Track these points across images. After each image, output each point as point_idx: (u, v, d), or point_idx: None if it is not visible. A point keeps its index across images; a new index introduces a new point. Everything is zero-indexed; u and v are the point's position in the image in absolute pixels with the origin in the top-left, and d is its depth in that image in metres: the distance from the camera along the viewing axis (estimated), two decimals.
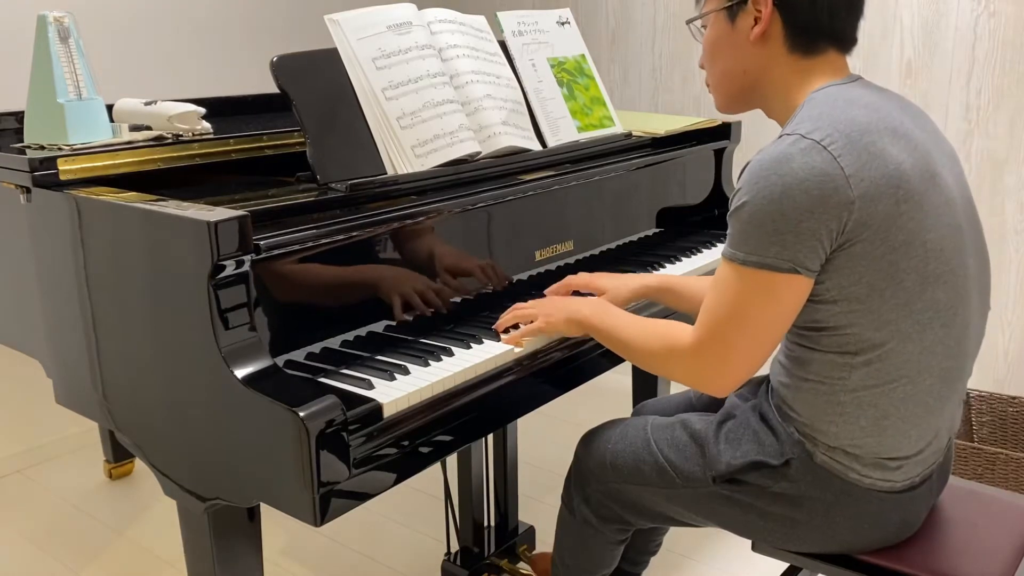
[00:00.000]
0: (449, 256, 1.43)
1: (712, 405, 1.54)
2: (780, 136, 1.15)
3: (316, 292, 1.26)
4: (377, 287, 1.33)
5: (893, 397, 1.19)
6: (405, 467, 1.17)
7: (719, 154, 2.04)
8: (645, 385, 2.25)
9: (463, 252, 1.45)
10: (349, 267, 1.29)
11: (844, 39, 1.24)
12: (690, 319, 1.29)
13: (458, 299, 1.45)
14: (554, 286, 1.54)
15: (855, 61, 2.53)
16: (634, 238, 1.83)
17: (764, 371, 1.38)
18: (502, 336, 1.38)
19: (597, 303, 1.40)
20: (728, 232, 1.17)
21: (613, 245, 1.77)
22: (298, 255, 1.22)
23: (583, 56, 1.88)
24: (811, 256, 1.11)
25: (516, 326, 1.40)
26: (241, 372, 1.10)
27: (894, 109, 1.20)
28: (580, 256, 1.68)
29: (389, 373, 1.22)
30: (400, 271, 1.36)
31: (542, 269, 1.60)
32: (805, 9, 1.20)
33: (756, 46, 1.24)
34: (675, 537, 2.18)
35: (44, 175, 1.34)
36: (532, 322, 1.38)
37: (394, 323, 1.35)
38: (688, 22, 1.35)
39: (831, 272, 1.14)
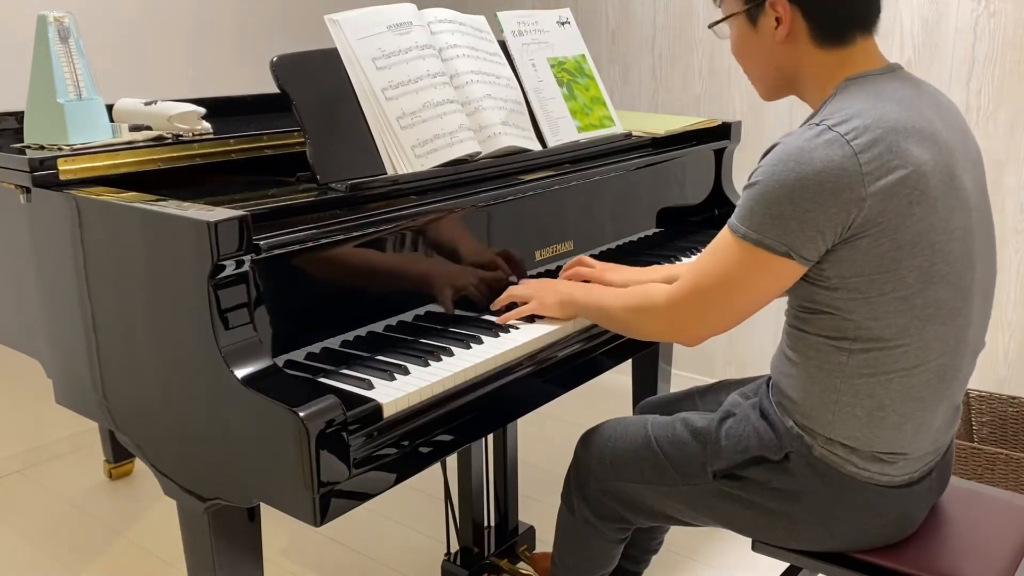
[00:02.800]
0: (449, 256, 1.43)
1: (713, 405, 1.54)
2: (808, 123, 1.15)
3: (316, 292, 1.26)
4: (377, 287, 1.33)
5: (889, 389, 1.19)
6: (405, 467, 1.17)
7: (719, 154, 2.04)
8: (645, 384, 2.25)
9: (463, 252, 1.45)
10: (349, 267, 1.29)
11: (867, 19, 1.22)
12: None
13: (458, 299, 1.45)
14: (567, 269, 1.57)
15: None
16: (634, 238, 1.83)
17: (765, 370, 1.38)
18: (497, 318, 1.43)
19: (586, 285, 1.47)
20: (738, 202, 1.19)
21: (613, 245, 1.77)
22: (298, 255, 1.22)
23: (583, 56, 1.88)
24: (809, 246, 1.13)
25: (510, 307, 1.45)
26: (241, 372, 1.10)
27: (927, 106, 1.19)
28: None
29: (389, 373, 1.22)
30: (400, 271, 1.36)
31: (542, 269, 1.60)
32: (822, 1, 1.19)
33: (784, 45, 1.23)
34: (675, 537, 2.18)
35: (44, 175, 1.34)
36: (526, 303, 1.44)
37: (394, 323, 1.36)
38: (710, 26, 1.34)
39: (833, 261, 1.15)
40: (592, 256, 1.71)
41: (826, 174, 1.09)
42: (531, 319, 1.44)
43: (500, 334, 1.38)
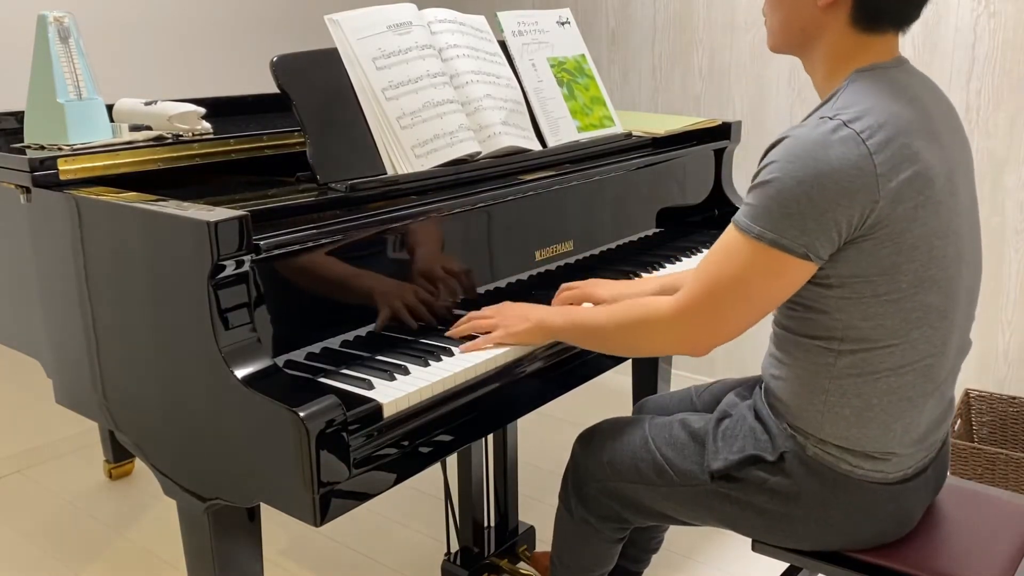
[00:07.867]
0: (449, 256, 1.43)
1: (711, 405, 1.54)
2: (820, 116, 1.14)
3: (316, 292, 1.26)
4: (377, 287, 1.33)
5: (876, 388, 1.20)
6: (405, 467, 1.17)
7: (719, 154, 2.04)
8: (645, 384, 2.25)
9: (463, 252, 1.45)
10: (349, 267, 1.29)
11: (908, 21, 1.21)
12: None
13: (458, 299, 1.45)
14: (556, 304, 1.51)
15: None
16: (634, 238, 1.83)
17: (759, 372, 1.38)
18: (460, 347, 1.32)
19: (560, 308, 1.38)
20: (747, 201, 1.16)
21: (613, 245, 1.77)
22: (298, 255, 1.22)
23: (583, 56, 1.88)
24: (826, 245, 1.12)
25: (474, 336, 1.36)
26: (241, 372, 1.10)
27: (931, 104, 1.19)
28: (580, 256, 1.68)
29: (389, 373, 1.22)
30: (400, 271, 1.36)
31: (542, 269, 1.60)
32: None
33: (821, 11, 1.21)
34: (675, 537, 2.18)
35: (44, 175, 1.34)
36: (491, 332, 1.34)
37: (394, 323, 1.35)
38: None
39: (836, 261, 1.15)
40: (592, 256, 1.72)
41: (843, 172, 1.08)
42: None
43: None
